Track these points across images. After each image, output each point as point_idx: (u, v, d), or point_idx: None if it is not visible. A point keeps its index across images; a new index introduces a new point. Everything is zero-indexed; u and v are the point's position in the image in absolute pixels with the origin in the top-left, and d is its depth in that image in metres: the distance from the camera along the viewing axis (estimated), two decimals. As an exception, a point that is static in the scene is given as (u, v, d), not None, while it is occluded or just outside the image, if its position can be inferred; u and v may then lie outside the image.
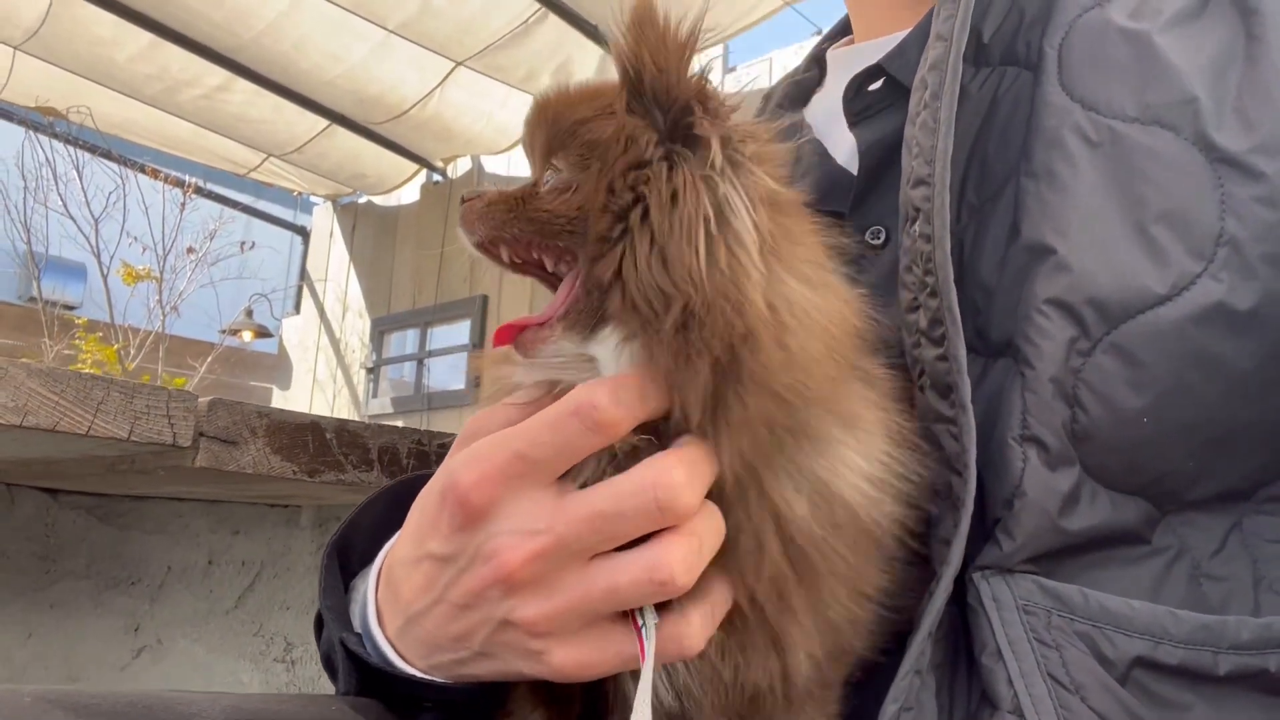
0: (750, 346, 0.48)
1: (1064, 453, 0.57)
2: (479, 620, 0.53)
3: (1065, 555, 0.58)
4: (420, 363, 7.08)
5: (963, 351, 0.57)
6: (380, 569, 0.63)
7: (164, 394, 0.81)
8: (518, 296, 6.21)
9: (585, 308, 0.52)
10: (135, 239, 5.31)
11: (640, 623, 0.51)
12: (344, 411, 7.36)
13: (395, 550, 0.60)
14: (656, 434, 0.51)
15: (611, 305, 0.50)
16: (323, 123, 6.08)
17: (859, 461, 0.53)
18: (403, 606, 0.57)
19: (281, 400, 7.87)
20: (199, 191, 5.98)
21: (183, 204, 5.47)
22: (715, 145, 0.51)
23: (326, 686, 0.65)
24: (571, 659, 0.52)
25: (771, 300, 0.49)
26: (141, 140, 6.28)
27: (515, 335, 0.54)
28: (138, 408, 0.80)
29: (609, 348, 0.52)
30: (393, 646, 0.59)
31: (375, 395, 7.28)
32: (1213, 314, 0.55)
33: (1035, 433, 0.57)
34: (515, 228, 0.54)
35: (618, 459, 0.51)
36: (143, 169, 5.60)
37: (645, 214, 0.50)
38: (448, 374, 6.87)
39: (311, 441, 0.89)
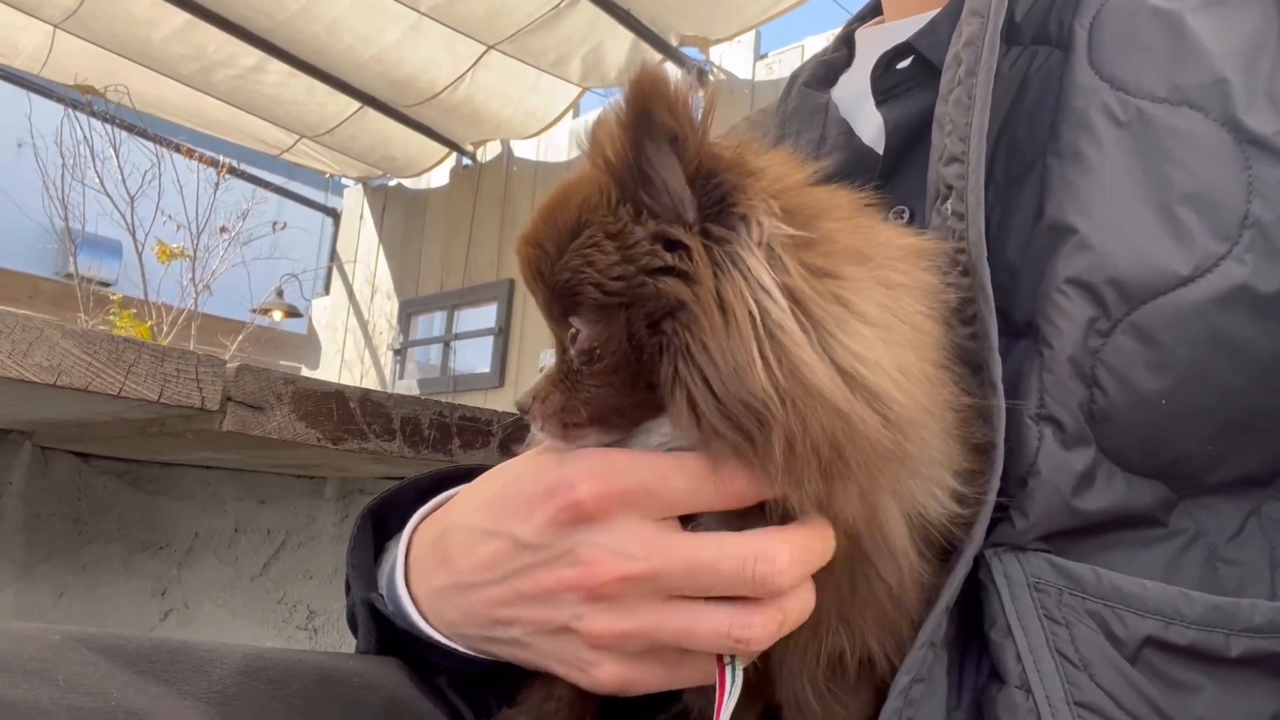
0: (847, 431, 0.46)
1: (1080, 433, 0.57)
2: (537, 615, 0.54)
3: (1079, 535, 0.58)
4: (447, 345, 7.12)
5: (994, 330, 0.56)
6: (415, 529, 0.64)
7: (193, 358, 0.83)
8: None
9: (614, 415, 0.52)
10: (170, 217, 5.37)
11: (726, 662, 0.52)
12: (370, 392, 7.39)
13: (456, 515, 0.61)
14: None
15: (699, 438, 0.48)
16: (354, 105, 6.12)
17: (948, 479, 0.53)
18: (454, 572, 0.58)
19: (309, 380, 7.94)
20: (232, 171, 6.03)
21: (216, 183, 5.52)
22: (757, 223, 0.48)
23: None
24: (616, 676, 0.53)
25: (846, 368, 0.47)
26: (177, 120, 6.35)
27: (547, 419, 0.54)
28: (168, 371, 0.81)
29: (662, 438, 0.52)
30: (417, 607, 0.60)
31: (402, 376, 7.34)
32: (1235, 296, 0.55)
33: (1052, 412, 0.57)
34: (581, 405, 0.52)
35: (735, 516, 0.52)
36: (178, 148, 5.66)
37: (688, 343, 0.47)
38: (474, 357, 6.90)
39: (336, 409, 0.90)
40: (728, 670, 0.52)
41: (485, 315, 6.78)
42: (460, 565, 0.57)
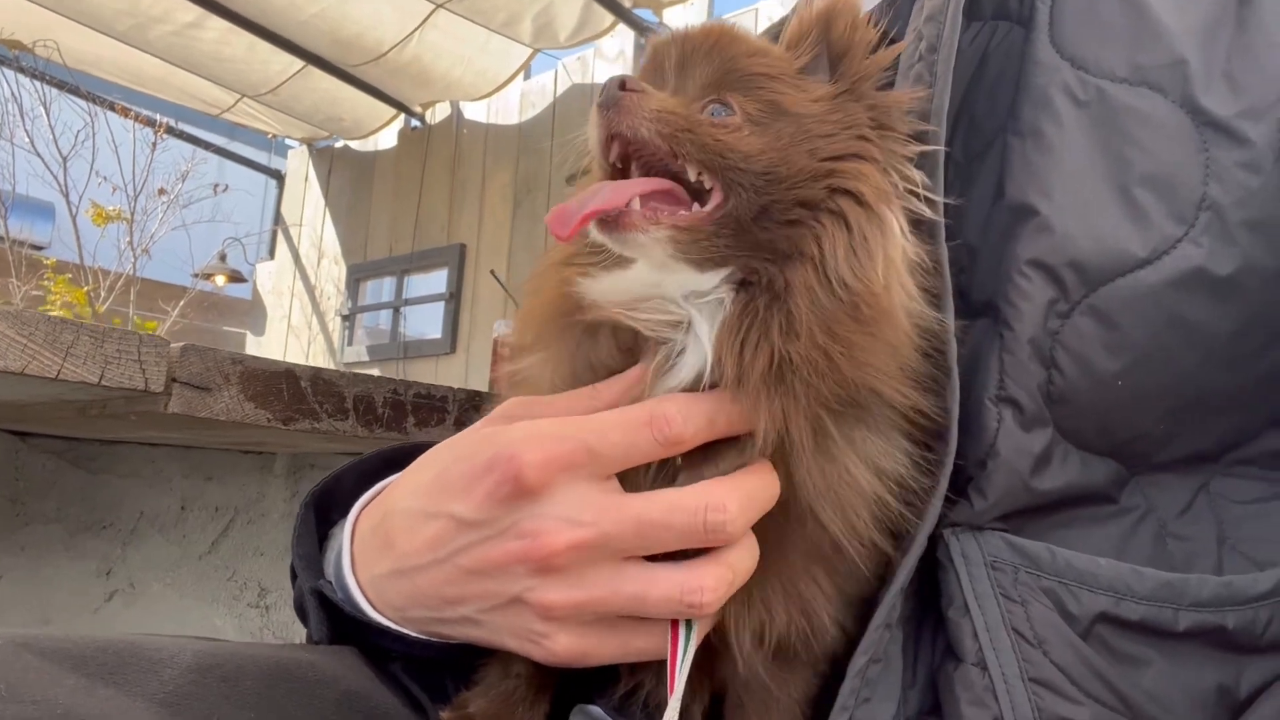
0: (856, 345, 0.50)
1: (1038, 414, 0.57)
2: (486, 590, 0.53)
3: (1034, 514, 0.58)
4: (397, 311, 7.02)
5: (951, 311, 0.56)
6: (358, 516, 0.62)
7: (135, 338, 0.80)
8: (496, 245, 6.15)
9: (705, 239, 0.52)
10: (105, 179, 5.18)
11: (680, 627, 0.52)
12: (319, 359, 7.29)
13: (396, 499, 0.60)
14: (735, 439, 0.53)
15: (792, 276, 0.51)
16: (298, 64, 5.94)
17: (902, 441, 0.54)
18: (397, 556, 0.57)
19: (255, 346, 7.79)
20: (170, 131, 5.83)
21: (154, 144, 5.33)
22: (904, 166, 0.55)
23: (301, 630, 0.65)
24: (571, 647, 0.53)
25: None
26: (111, 77, 6.11)
27: (596, 217, 0.52)
28: (108, 352, 0.78)
29: (709, 295, 0.53)
30: (364, 594, 0.59)
31: (351, 343, 7.23)
32: (1192, 279, 0.55)
33: (1011, 394, 0.57)
34: (685, 144, 0.52)
35: (676, 468, 0.53)
36: (112, 107, 5.44)
37: (847, 209, 0.52)
38: (424, 322, 6.82)
39: (286, 389, 0.88)
40: (680, 636, 0.52)
41: (436, 280, 6.69)
42: (403, 549, 0.57)
